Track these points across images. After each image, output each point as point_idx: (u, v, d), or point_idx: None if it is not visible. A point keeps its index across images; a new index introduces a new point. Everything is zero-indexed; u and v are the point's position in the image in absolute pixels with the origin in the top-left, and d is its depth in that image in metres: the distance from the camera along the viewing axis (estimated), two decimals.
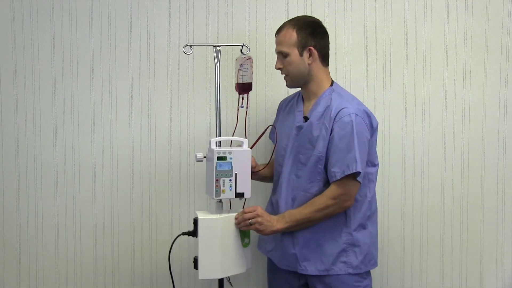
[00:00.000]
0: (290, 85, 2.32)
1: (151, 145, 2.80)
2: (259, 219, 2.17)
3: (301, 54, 2.21)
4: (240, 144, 2.32)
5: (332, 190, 2.16)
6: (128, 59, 2.77)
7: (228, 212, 2.29)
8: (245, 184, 2.22)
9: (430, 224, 2.80)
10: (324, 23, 2.69)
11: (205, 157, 2.30)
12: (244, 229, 2.23)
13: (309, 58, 2.21)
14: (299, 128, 2.27)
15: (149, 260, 2.84)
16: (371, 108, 2.47)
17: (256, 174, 2.42)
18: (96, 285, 2.86)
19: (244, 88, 2.35)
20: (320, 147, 2.19)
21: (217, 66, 2.36)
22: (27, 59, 2.77)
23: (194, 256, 2.26)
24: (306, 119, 2.26)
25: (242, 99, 2.36)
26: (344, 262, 2.20)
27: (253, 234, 2.32)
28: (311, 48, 2.20)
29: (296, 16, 2.34)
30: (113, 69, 2.77)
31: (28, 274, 2.86)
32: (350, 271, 2.20)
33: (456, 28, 2.76)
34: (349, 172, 2.12)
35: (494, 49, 2.76)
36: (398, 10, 2.75)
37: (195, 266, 2.22)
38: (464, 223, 2.82)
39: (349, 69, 2.77)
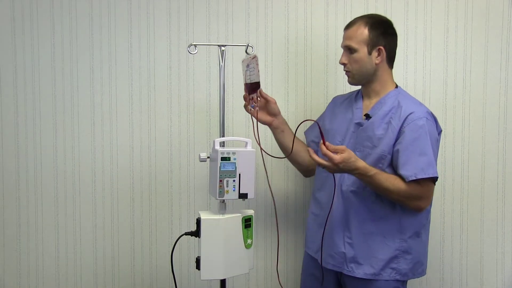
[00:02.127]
0: (352, 82, 2.25)
1: (151, 145, 2.79)
2: (340, 166, 2.00)
3: (369, 53, 2.16)
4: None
5: (408, 188, 2.10)
6: (128, 59, 2.77)
7: (231, 212, 2.26)
8: (249, 185, 2.20)
9: (431, 224, 2.76)
10: (324, 23, 2.75)
11: (208, 157, 2.29)
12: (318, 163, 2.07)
13: (377, 57, 2.16)
14: (358, 125, 2.22)
15: (149, 260, 2.84)
16: None
17: (285, 143, 2.36)
18: (96, 285, 2.85)
19: (252, 87, 2.30)
20: (384, 146, 2.13)
21: (221, 66, 2.34)
22: (27, 59, 2.77)
23: (196, 256, 2.23)
24: (367, 116, 2.20)
25: (252, 98, 2.30)
26: (393, 269, 2.16)
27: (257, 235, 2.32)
28: (381, 48, 2.15)
29: (368, 13, 2.28)
30: (113, 69, 2.77)
31: (28, 275, 2.85)
32: (398, 277, 2.16)
33: (456, 28, 2.76)
34: (423, 176, 2.07)
35: (494, 49, 2.77)
36: (398, 10, 2.75)
37: (197, 267, 2.19)
38: (464, 223, 2.83)
39: None
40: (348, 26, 2.20)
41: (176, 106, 2.78)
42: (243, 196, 2.20)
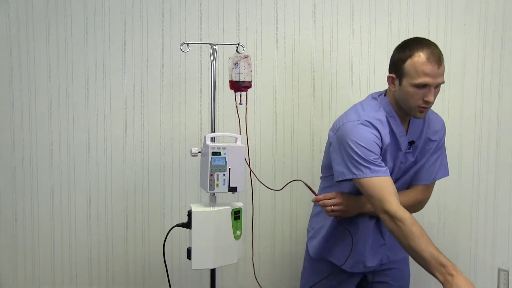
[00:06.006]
0: (425, 115, 2.00)
1: (144, 140, 2.79)
2: (340, 207, 2.07)
3: None
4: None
5: (426, 192, 2.17)
6: (122, 57, 2.76)
7: (221, 205, 2.27)
8: (239, 179, 2.21)
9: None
10: (312, 23, 2.77)
11: (199, 152, 2.28)
12: (329, 214, 2.12)
13: None
14: (407, 154, 2.09)
15: (141, 251, 2.86)
16: None
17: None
18: (91, 275, 2.86)
19: (242, 85, 2.29)
20: (423, 160, 2.13)
21: (213, 64, 2.33)
22: (23, 56, 2.77)
23: (187, 247, 2.24)
24: (411, 143, 2.08)
25: (240, 96, 2.30)
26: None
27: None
28: None
29: (421, 38, 1.99)
30: (107, 67, 2.77)
31: (25, 265, 2.86)
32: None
33: (437, 30, 2.78)
34: (449, 173, 2.18)
35: (471, 51, 2.79)
36: (382, 11, 2.76)
37: (189, 257, 2.20)
38: (441, 219, 2.85)
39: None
40: (438, 63, 1.89)
41: (169, 102, 2.77)
42: (232, 189, 2.20)
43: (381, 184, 1.89)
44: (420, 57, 1.88)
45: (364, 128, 1.96)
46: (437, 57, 1.87)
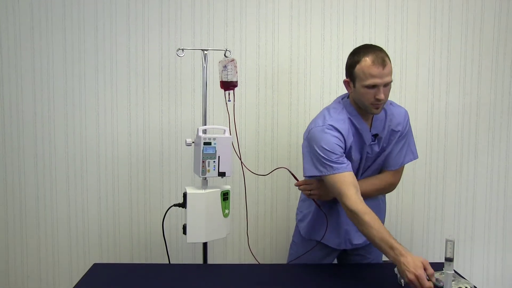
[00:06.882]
0: (380, 110, 2.05)
1: (145, 132, 2.86)
2: (316, 192, 2.15)
3: None
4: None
5: (397, 175, 2.19)
6: (127, 61, 2.84)
7: (212, 188, 2.34)
8: (227, 165, 2.28)
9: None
10: (289, 33, 2.82)
11: (193, 142, 2.35)
12: (307, 196, 2.20)
13: None
14: (372, 145, 2.13)
15: (144, 227, 2.92)
16: None
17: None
18: (101, 249, 2.94)
19: (230, 85, 2.31)
20: (389, 148, 2.15)
21: (204, 67, 2.38)
22: (43, 61, 2.83)
23: (183, 223, 2.33)
24: (375, 136, 2.13)
25: (229, 94, 2.31)
26: None
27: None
28: None
29: (369, 44, 2.05)
30: (114, 69, 2.84)
31: (46, 238, 2.94)
32: None
33: (395, 40, 2.85)
34: (416, 158, 2.20)
35: (424, 56, 2.87)
36: (349, 18, 2.84)
37: (184, 232, 2.29)
38: (399, 207, 2.96)
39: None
40: (383, 65, 1.93)
41: (166, 99, 2.83)
42: (222, 174, 2.28)
43: (341, 180, 1.96)
44: (366, 61, 1.93)
45: (328, 131, 2.02)
46: (381, 59, 1.92)
